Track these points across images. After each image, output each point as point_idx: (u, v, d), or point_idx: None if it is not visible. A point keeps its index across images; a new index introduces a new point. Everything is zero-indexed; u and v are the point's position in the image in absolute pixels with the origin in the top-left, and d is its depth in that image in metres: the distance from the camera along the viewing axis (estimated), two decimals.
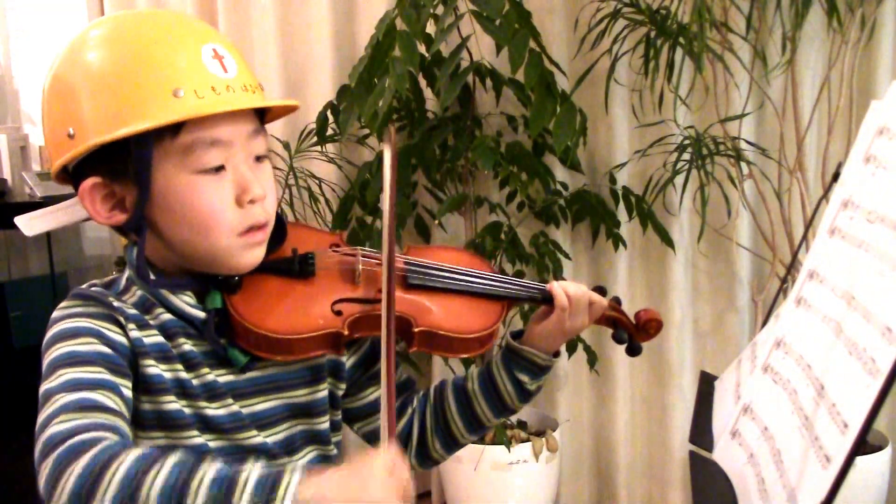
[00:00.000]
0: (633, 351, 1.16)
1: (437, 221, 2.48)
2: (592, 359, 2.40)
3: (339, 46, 2.65)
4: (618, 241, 2.42)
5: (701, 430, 1.01)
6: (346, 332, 0.98)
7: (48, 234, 2.59)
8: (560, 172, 2.49)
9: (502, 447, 2.34)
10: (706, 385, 1.14)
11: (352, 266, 1.03)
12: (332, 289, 1.01)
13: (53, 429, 0.79)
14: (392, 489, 0.77)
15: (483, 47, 2.37)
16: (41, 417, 0.82)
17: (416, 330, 1.02)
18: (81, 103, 0.91)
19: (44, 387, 0.85)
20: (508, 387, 1.10)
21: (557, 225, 2.49)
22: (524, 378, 1.10)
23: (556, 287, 1.09)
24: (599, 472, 2.72)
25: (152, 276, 0.95)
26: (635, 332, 1.15)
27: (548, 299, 1.09)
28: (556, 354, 1.12)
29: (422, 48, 2.22)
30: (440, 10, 2.18)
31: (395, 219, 0.92)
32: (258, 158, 0.96)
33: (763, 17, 2.25)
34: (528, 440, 2.41)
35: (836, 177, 0.95)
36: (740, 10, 2.24)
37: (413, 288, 1.05)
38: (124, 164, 0.91)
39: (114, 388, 0.86)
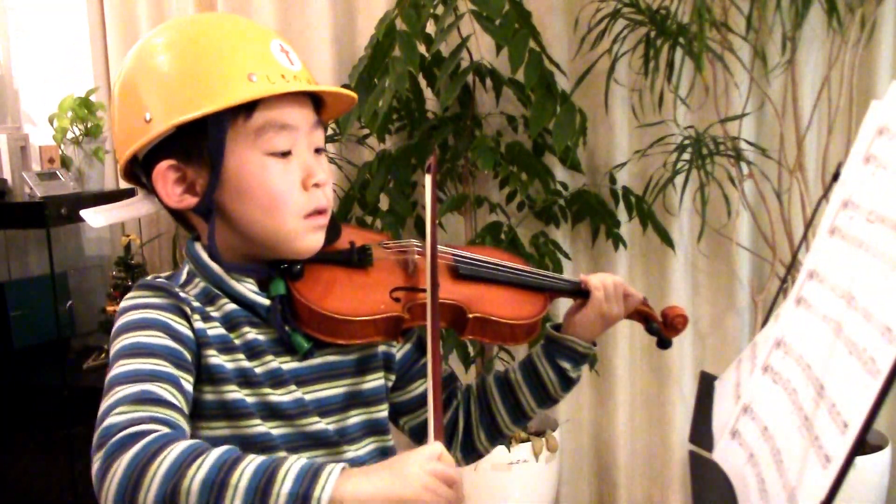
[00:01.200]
0: (664, 344, 1.23)
1: (437, 221, 2.48)
2: (592, 359, 2.40)
3: (339, 46, 2.66)
4: (618, 241, 2.42)
5: (701, 430, 1.01)
6: (406, 317, 1.02)
7: (48, 234, 2.59)
8: (560, 172, 2.50)
9: (502, 447, 2.34)
10: (706, 385, 1.14)
11: (405, 258, 1.09)
12: (388, 278, 1.05)
13: (109, 420, 0.81)
14: (434, 487, 0.77)
15: (483, 47, 2.37)
16: (102, 407, 0.84)
17: (471, 316, 1.06)
18: (161, 89, 0.96)
19: (108, 375, 0.88)
20: (551, 375, 1.15)
21: (557, 225, 2.49)
22: (566, 365, 1.15)
23: (591, 279, 1.15)
24: (599, 472, 2.72)
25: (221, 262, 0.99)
26: (663, 327, 1.21)
27: (583, 292, 1.16)
28: (594, 343, 1.17)
29: (422, 48, 2.22)
30: (440, 10, 2.18)
31: (436, 247, 1.01)
32: (317, 151, 1.01)
33: (763, 17, 2.25)
34: (527, 440, 2.41)
35: (836, 177, 0.95)
36: (740, 10, 2.25)
37: (464, 278, 1.10)
38: (198, 146, 0.95)
39: (175, 382, 0.88)
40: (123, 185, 2.99)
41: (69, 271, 3.00)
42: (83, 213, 1.11)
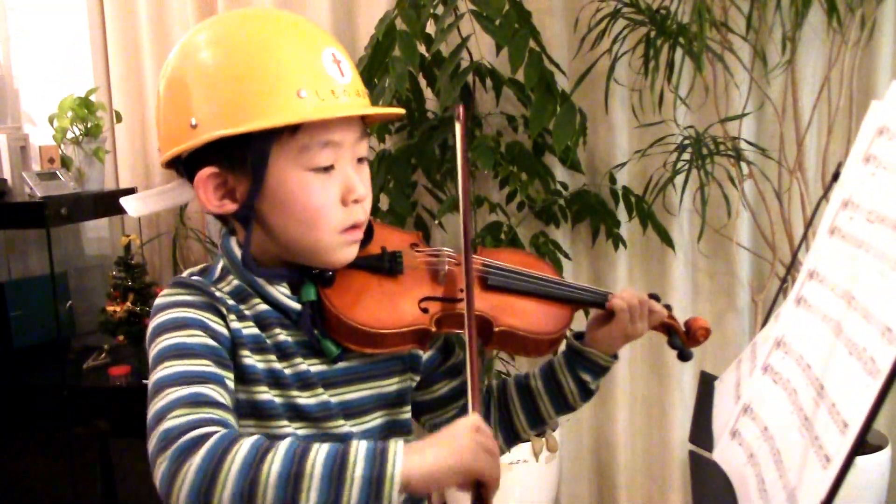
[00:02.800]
0: (685, 357, 1.20)
1: (437, 221, 2.48)
2: None
3: None
4: (618, 241, 2.42)
5: (701, 430, 1.01)
6: (433, 329, 1.02)
7: (48, 234, 2.59)
8: (560, 172, 2.50)
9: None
10: (706, 385, 1.14)
11: (436, 266, 1.08)
12: (418, 287, 1.05)
13: (168, 423, 0.82)
14: (483, 456, 0.82)
15: (483, 47, 2.37)
16: (154, 409, 0.85)
17: (497, 330, 1.06)
18: (207, 96, 0.94)
19: (154, 376, 0.88)
20: (571, 385, 1.15)
21: (557, 225, 2.49)
22: (587, 377, 1.15)
23: (616, 301, 1.13)
24: (599, 472, 2.72)
25: (254, 267, 0.99)
26: (686, 339, 1.19)
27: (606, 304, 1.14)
28: (615, 356, 1.16)
29: (422, 48, 2.22)
30: (440, 10, 2.18)
31: (468, 195, 1.01)
32: (360, 160, 1.00)
33: (763, 17, 2.25)
34: (527, 440, 2.41)
35: (836, 177, 0.95)
36: (740, 10, 2.24)
37: (492, 289, 1.10)
38: (242, 157, 0.95)
39: (221, 382, 0.89)
40: (124, 184, 3.00)
41: (69, 271, 2.99)
42: (122, 200, 1.10)
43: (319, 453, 0.79)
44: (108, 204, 2.76)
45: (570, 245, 2.56)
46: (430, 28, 2.28)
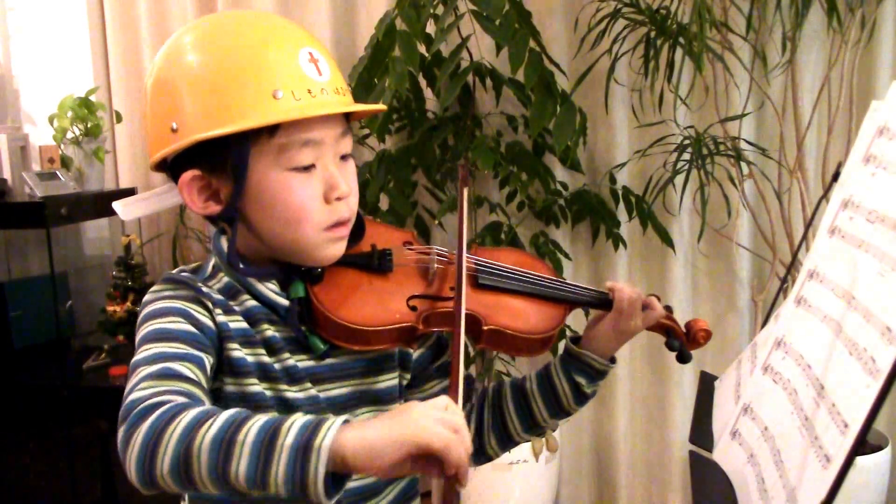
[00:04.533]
0: (684, 358, 1.19)
1: (436, 221, 2.48)
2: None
3: (339, 46, 2.66)
4: (618, 241, 2.42)
5: (701, 430, 1.01)
6: (420, 327, 1.02)
7: (48, 234, 2.59)
8: (560, 172, 2.50)
9: None
10: (706, 385, 1.14)
11: (426, 264, 1.08)
12: (407, 285, 1.05)
13: (132, 395, 0.84)
14: (436, 429, 0.76)
15: (483, 47, 2.37)
16: (127, 386, 0.86)
17: (485, 328, 1.05)
18: (186, 100, 0.96)
19: (133, 359, 0.90)
20: (566, 389, 1.14)
21: (557, 225, 2.49)
22: (582, 381, 1.13)
23: (617, 291, 1.12)
24: (599, 472, 2.72)
25: (241, 265, 1.00)
26: (686, 340, 1.18)
27: (605, 303, 1.13)
28: (613, 360, 1.15)
29: (422, 48, 2.22)
30: (440, 10, 2.18)
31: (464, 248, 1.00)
32: (343, 157, 1.01)
33: (763, 17, 2.25)
34: (520, 444, 2.40)
35: (836, 177, 0.95)
36: (740, 10, 2.25)
37: (483, 288, 1.09)
38: (222, 159, 0.96)
39: (196, 362, 0.90)
40: (124, 184, 3.00)
41: (69, 271, 2.99)
42: (114, 205, 1.11)
43: (257, 422, 0.78)
44: (108, 204, 2.73)
45: (570, 245, 2.56)
46: (430, 28, 2.28)
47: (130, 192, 2.87)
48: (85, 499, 2.64)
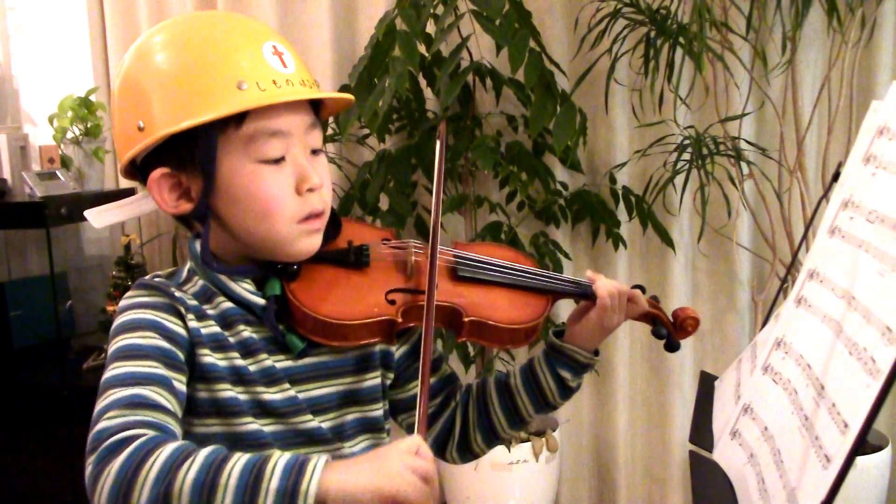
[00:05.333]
0: (672, 347, 1.19)
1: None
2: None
3: (339, 46, 2.66)
4: (618, 241, 2.42)
5: (701, 430, 1.01)
6: (399, 320, 1.01)
7: (48, 234, 2.59)
8: (560, 172, 2.50)
9: (502, 447, 2.34)
10: (706, 385, 1.14)
11: (404, 258, 1.08)
12: (385, 279, 1.05)
13: (101, 424, 0.83)
14: (413, 482, 0.80)
15: (483, 47, 2.37)
16: (96, 410, 0.85)
17: (466, 320, 1.05)
18: (151, 97, 0.96)
19: (104, 376, 0.89)
20: (551, 383, 1.14)
21: (557, 225, 2.49)
22: (566, 375, 1.13)
23: (600, 284, 1.12)
24: (599, 472, 2.72)
25: (215, 264, 1.00)
26: (674, 329, 1.18)
27: (589, 295, 1.13)
28: (596, 353, 1.15)
29: (422, 48, 2.22)
30: (440, 10, 2.18)
31: (440, 205, 1.01)
32: (314, 152, 1.01)
33: (763, 17, 2.25)
34: (528, 440, 2.41)
35: (836, 177, 0.95)
36: (740, 10, 2.24)
37: (463, 280, 1.09)
38: (191, 155, 0.96)
39: (166, 384, 0.90)
40: (124, 184, 3.00)
41: (69, 271, 2.99)
42: (87, 213, 1.11)
43: (238, 463, 0.78)
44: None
45: (570, 245, 2.56)
46: (430, 28, 2.28)
47: (130, 192, 2.87)
48: (85, 499, 2.64)
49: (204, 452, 0.79)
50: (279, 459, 0.79)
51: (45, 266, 2.75)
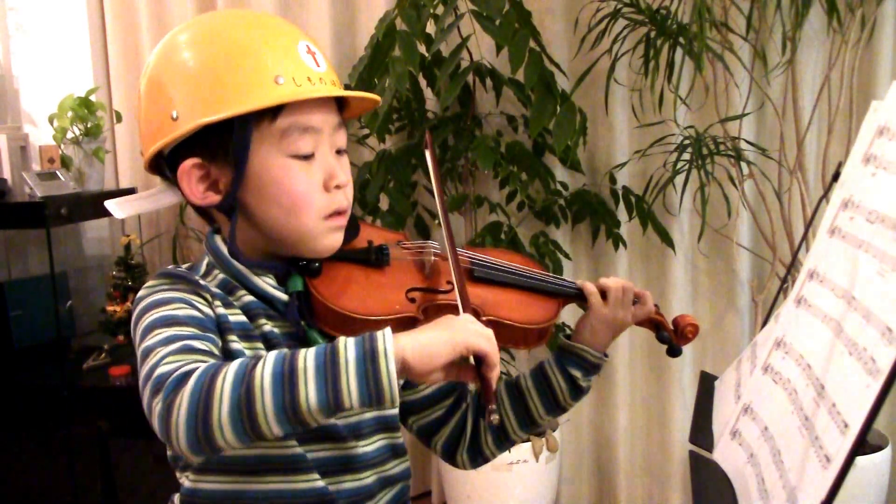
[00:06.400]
0: (674, 352, 1.22)
1: (437, 221, 2.48)
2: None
3: (339, 46, 2.66)
4: (618, 241, 2.42)
5: (701, 430, 1.01)
6: (421, 318, 1.02)
7: (48, 234, 2.59)
8: (560, 172, 2.50)
9: None
10: (706, 385, 1.14)
11: (422, 259, 1.10)
12: (405, 278, 1.07)
13: (159, 370, 0.84)
14: (483, 332, 0.85)
15: (483, 47, 2.37)
16: (144, 370, 0.86)
17: (484, 319, 1.06)
18: (187, 89, 0.97)
19: (143, 345, 0.89)
20: (561, 383, 1.15)
21: (557, 225, 2.49)
22: (577, 374, 1.15)
23: (587, 284, 1.15)
24: (599, 472, 2.72)
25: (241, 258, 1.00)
26: (675, 336, 1.21)
27: (582, 296, 1.15)
28: (606, 354, 1.17)
29: (422, 48, 2.22)
30: (440, 10, 2.18)
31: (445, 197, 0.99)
32: (339, 152, 1.02)
33: (763, 17, 2.25)
34: (528, 440, 2.41)
35: (836, 177, 0.95)
36: (740, 10, 2.25)
37: (478, 281, 1.11)
38: (223, 146, 0.97)
39: (210, 341, 0.92)
40: (124, 184, 3.00)
41: (69, 271, 2.99)
42: (107, 203, 1.12)
43: (308, 352, 0.80)
44: None
45: (570, 245, 2.56)
46: (430, 28, 2.28)
47: (130, 191, 2.87)
48: (85, 499, 2.64)
49: (272, 353, 0.81)
50: (347, 339, 0.81)
51: (45, 266, 2.75)
